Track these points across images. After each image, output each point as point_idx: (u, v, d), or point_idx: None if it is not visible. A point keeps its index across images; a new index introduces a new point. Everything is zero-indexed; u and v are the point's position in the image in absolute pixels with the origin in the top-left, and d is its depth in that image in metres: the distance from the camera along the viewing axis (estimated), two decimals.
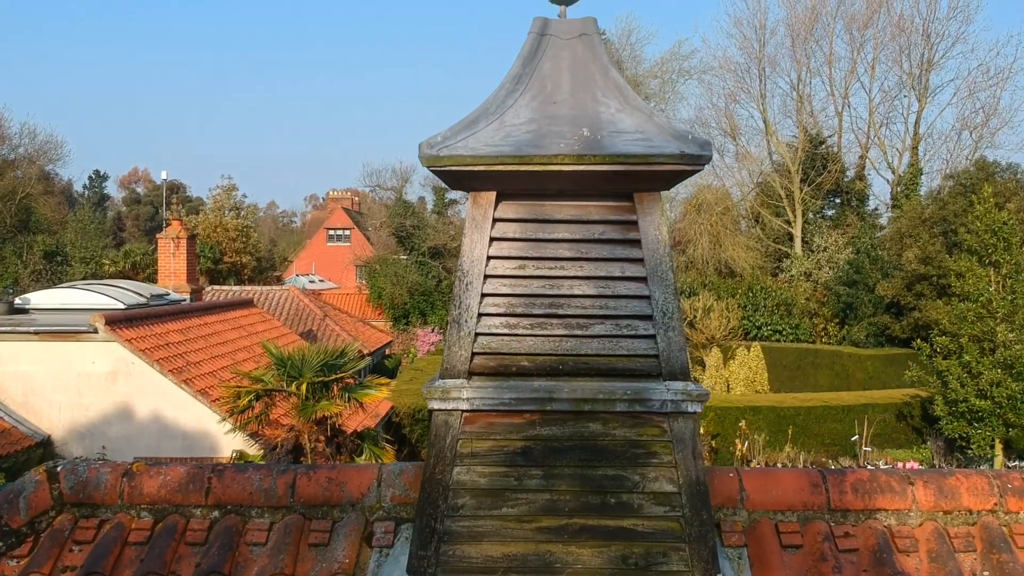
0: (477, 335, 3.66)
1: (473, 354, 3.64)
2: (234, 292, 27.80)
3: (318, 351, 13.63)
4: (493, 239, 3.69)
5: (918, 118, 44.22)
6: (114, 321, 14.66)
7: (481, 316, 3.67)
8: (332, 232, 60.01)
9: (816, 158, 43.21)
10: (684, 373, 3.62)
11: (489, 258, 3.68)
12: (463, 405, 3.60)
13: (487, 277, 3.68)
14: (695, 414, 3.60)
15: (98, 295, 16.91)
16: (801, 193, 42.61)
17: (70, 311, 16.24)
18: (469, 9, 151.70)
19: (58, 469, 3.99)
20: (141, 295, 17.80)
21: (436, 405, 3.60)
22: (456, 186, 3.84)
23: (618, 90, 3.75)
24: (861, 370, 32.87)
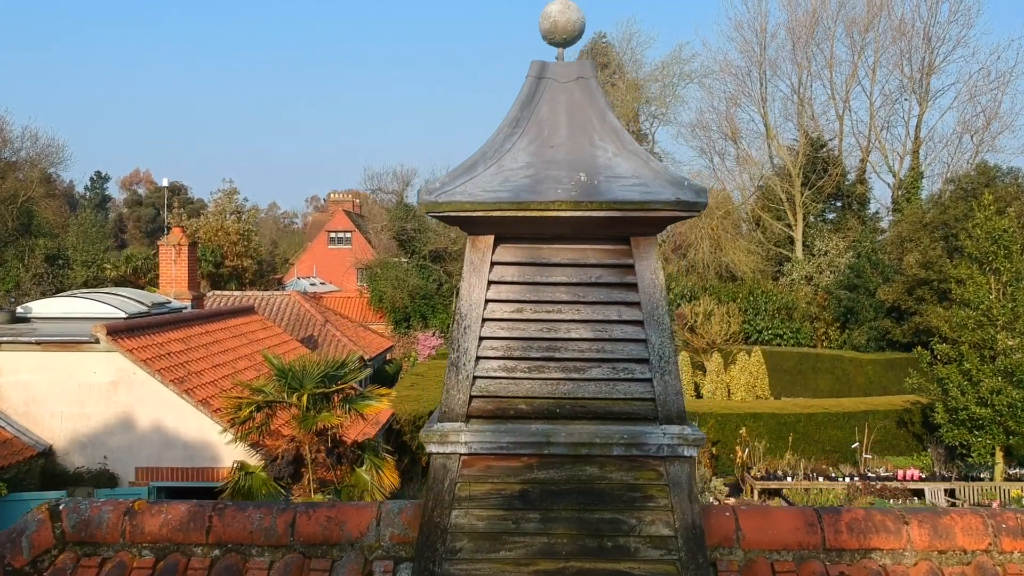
0: (475, 378, 3.69)
1: (471, 397, 3.68)
2: (235, 298, 27.85)
3: (319, 362, 13.66)
4: (491, 282, 3.72)
5: (919, 122, 44.26)
6: (115, 331, 14.71)
7: (479, 359, 3.70)
8: (333, 235, 60.11)
9: (817, 162, 43.22)
10: (680, 417, 3.65)
11: (487, 301, 3.71)
12: (461, 449, 3.63)
13: (485, 320, 3.71)
14: (691, 458, 3.63)
15: (100, 304, 16.95)
16: (802, 197, 42.62)
17: (72, 320, 16.29)
18: (470, 9, 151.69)
19: (60, 507, 4.03)
20: (142, 303, 17.85)
21: (434, 449, 3.64)
22: (456, 226, 3.87)
23: (615, 134, 3.78)
24: (862, 375, 32.88)
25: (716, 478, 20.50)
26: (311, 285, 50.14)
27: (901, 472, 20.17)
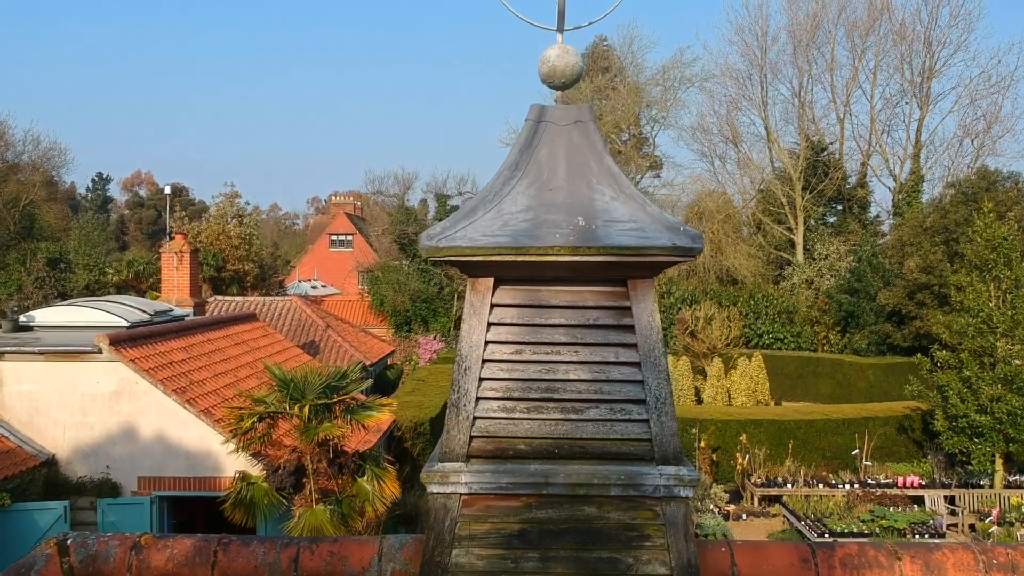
0: (475, 419, 3.76)
1: (471, 438, 3.74)
2: (237, 303, 27.91)
3: (320, 372, 13.73)
4: (491, 324, 3.78)
5: (919, 125, 44.32)
6: (118, 341, 14.78)
7: (479, 400, 3.76)
8: (334, 237, 60.19)
9: (818, 165, 43.30)
10: (676, 458, 3.71)
11: (487, 343, 3.78)
12: (462, 489, 3.70)
13: (485, 362, 3.77)
14: (687, 498, 3.70)
15: (102, 312, 17.02)
16: (803, 200, 42.69)
17: (74, 328, 16.37)
18: (471, 10, 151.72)
19: (68, 542, 4.10)
20: (144, 312, 17.91)
21: (435, 489, 3.70)
22: (457, 269, 3.94)
23: (612, 177, 3.85)
24: (862, 379, 32.94)
25: (716, 485, 20.57)
26: (312, 288, 50.26)
27: (901, 479, 20.24)
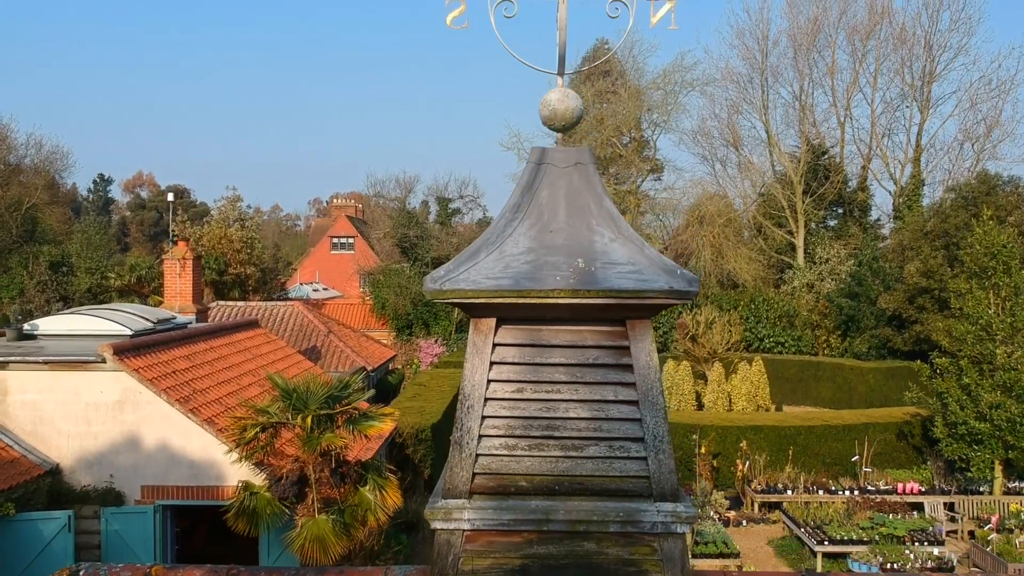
0: (478, 456, 3.85)
1: (474, 475, 3.84)
2: (239, 309, 28.02)
3: (323, 382, 13.83)
4: (493, 363, 3.88)
5: (920, 129, 44.37)
6: (121, 350, 14.87)
7: (482, 438, 3.86)
8: (336, 240, 60.28)
9: (818, 169, 43.38)
10: (674, 495, 3.80)
11: (489, 381, 3.87)
12: (464, 525, 3.79)
13: (487, 400, 3.87)
14: (683, 534, 3.79)
15: (105, 321, 17.12)
16: (803, 204, 42.77)
17: (78, 337, 16.48)
18: (471, 11, 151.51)
19: (81, 572, 4.19)
20: (147, 320, 18.00)
21: (439, 525, 3.80)
22: (460, 310, 4.03)
23: (611, 219, 3.94)
24: (863, 383, 33.02)
25: (717, 491, 20.65)
26: (314, 291, 50.36)
27: (901, 486, 20.31)
